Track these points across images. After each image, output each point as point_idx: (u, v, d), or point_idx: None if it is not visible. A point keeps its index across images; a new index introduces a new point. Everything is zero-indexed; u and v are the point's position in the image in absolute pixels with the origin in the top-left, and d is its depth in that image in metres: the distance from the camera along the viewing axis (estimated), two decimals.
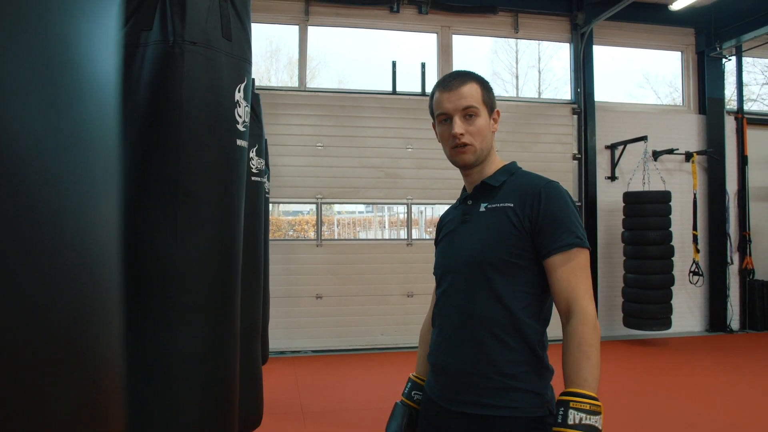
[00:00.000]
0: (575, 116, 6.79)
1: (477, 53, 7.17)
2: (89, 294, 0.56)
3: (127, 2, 1.38)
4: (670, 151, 6.75)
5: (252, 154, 2.61)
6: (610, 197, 6.79)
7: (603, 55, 7.13)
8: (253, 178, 2.58)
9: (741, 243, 7.20)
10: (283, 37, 6.48)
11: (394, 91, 6.42)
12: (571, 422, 1.05)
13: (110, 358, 0.60)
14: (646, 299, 6.07)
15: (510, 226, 1.25)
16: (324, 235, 6.43)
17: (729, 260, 7.10)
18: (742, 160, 7.26)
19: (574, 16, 6.76)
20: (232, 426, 1.49)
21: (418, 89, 6.47)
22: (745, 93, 7.50)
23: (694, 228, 6.73)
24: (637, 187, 6.56)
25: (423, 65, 6.46)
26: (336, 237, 7.81)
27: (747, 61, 7.58)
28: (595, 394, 1.09)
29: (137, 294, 1.33)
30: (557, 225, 1.22)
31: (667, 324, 6.09)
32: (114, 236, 0.62)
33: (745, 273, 7.12)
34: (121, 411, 0.62)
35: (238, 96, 1.47)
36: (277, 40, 6.69)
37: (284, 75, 6.74)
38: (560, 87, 7.16)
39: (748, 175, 7.26)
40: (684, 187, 6.92)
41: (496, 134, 1.39)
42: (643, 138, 6.37)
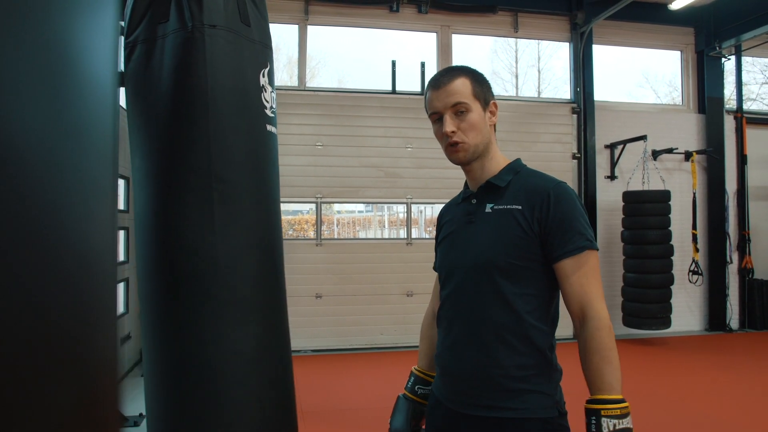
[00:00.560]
0: (575, 115, 6.78)
1: (477, 52, 7.17)
2: (86, 288, 0.56)
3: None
4: (670, 151, 6.75)
5: None
6: (609, 196, 6.79)
7: (602, 55, 7.13)
8: None
9: (740, 242, 7.20)
10: (283, 36, 6.47)
11: (393, 91, 6.42)
12: (605, 431, 1.06)
13: (107, 354, 0.60)
14: (645, 298, 6.07)
15: (518, 229, 1.22)
16: (324, 235, 6.43)
17: (728, 259, 7.11)
18: (742, 160, 7.26)
19: (574, 15, 6.75)
20: (293, 429, 1.41)
21: (418, 89, 6.47)
22: (744, 92, 7.50)
23: (694, 227, 6.73)
24: (636, 186, 6.56)
25: (423, 64, 6.46)
26: (336, 236, 7.81)
27: (746, 60, 7.58)
28: (621, 396, 1.11)
29: (180, 292, 1.26)
30: (567, 228, 1.20)
31: (666, 323, 6.09)
32: (111, 231, 0.62)
33: (745, 272, 7.13)
34: (118, 408, 0.62)
35: (263, 81, 1.40)
36: (276, 39, 6.64)
37: (284, 74, 6.73)
38: (560, 86, 7.15)
39: (748, 175, 7.26)
40: (683, 187, 6.92)
41: (496, 133, 1.37)
42: (643, 137, 6.37)
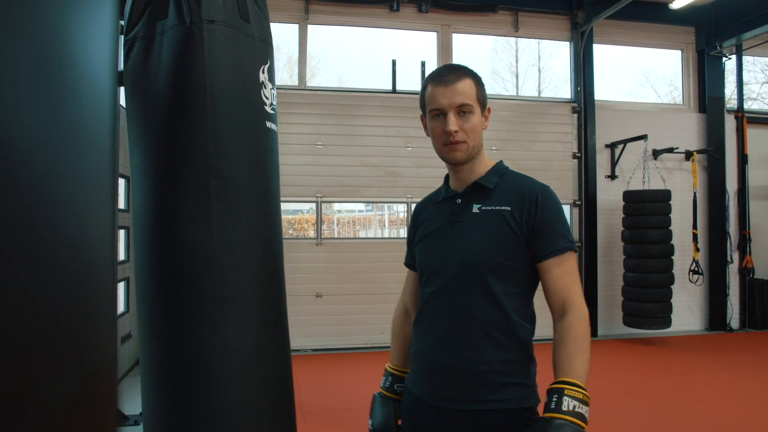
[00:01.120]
0: (575, 115, 6.78)
1: (477, 52, 7.16)
2: (85, 287, 0.56)
3: None
4: (670, 150, 6.74)
5: None
6: (610, 196, 6.78)
7: (603, 54, 7.12)
8: None
9: (741, 242, 7.20)
10: (283, 35, 6.47)
11: (393, 90, 6.42)
12: (565, 408, 1.08)
13: (105, 352, 0.60)
14: (646, 298, 6.06)
15: (508, 230, 1.28)
16: (324, 234, 6.43)
17: (729, 259, 7.10)
18: (742, 159, 7.26)
19: (574, 14, 6.75)
20: (293, 428, 1.40)
21: (418, 88, 6.45)
22: (745, 92, 7.50)
23: (694, 227, 6.73)
24: (637, 185, 6.56)
25: (423, 64, 6.45)
26: (336, 236, 7.81)
27: (747, 59, 7.58)
28: (586, 387, 1.13)
29: (178, 290, 1.25)
30: (552, 230, 1.27)
31: (666, 323, 6.09)
32: (110, 230, 0.62)
33: (745, 272, 7.12)
34: (116, 405, 0.62)
35: (263, 77, 1.40)
36: (277, 38, 6.61)
37: (284, 74, 6.73)
38: (560, 86, 7.15)
39: (748, 174, 7.25)
40: (684, 186, 6.92)
41: (496, 133, 1.40)
42: (643, 137, 6.37)
